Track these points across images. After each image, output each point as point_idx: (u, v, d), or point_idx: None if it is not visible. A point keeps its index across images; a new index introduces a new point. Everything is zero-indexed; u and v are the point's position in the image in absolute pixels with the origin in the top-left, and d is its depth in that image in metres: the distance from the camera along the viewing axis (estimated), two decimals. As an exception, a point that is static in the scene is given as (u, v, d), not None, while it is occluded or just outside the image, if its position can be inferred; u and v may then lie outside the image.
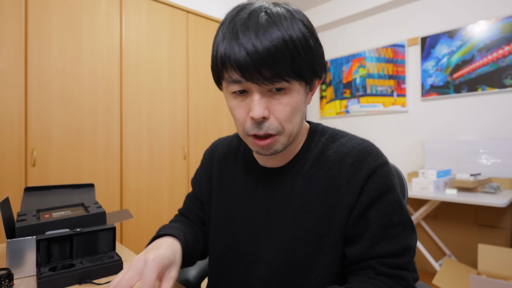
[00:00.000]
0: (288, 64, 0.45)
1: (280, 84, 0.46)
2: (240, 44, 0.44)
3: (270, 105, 0.48)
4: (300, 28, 0.47)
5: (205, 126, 2.37)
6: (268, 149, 0.52)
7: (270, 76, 0.45)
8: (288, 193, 0.57)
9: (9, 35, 1.53)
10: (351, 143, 0.55)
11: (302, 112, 0.52)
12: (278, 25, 0.45)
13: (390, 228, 0.51)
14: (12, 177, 1.53)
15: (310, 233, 0.53)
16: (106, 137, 1.84)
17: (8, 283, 0.56)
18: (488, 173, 2.21)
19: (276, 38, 0.44)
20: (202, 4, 2.35)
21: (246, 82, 0.46)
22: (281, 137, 0.51)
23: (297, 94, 0.49)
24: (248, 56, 0.44)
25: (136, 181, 1.97)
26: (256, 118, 0.47)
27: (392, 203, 0.52)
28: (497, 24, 2.23)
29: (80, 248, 0.70)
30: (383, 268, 0.50)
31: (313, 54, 0.48)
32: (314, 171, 0.55)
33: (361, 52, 3.06)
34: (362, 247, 0.51)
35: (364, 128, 3.01)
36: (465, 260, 2.18)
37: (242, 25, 0.45)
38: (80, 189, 0.90)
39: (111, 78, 1.86)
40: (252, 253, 0.59)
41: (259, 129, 0.49)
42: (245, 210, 0.61)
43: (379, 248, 0.50)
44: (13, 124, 1.54)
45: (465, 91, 2.39)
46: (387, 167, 0.53)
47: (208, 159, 0.72)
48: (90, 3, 1.79)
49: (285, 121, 0.49)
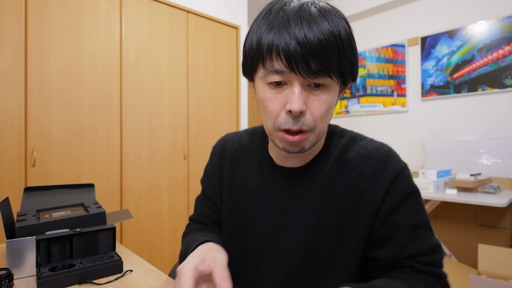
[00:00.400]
0: (335, 59, 0.44)
1: (323, 79, 0.45)
2: (292, 33, 0.43)
3: (308, 101, 0.47)
4: (345, 26, 0.47)
5: (205, 126, 2.37)
6: (297, 146, 0.49)
7: (316, 69, 0.44)
8: (307, 193, 0.55)
9: (9, 35, 1.53)
10: (372, 145, 0.55)
11: (332, 112, 0.51)
12: (328, 20, 0.44)
13: (417, 229, 0.51)
14: (12, 177, 1.53)
15: (329, 234, 0.53)
16: (106, 137, 1.84)
17: (8, 283, 0.56)
18: (488, 173, 2.21)
19: (328, 32, 0.43)
20: (202, 4, 2.35)
21: (289, 73, 0.45)
22: (311, 135, 0.49)
23: (334, 92, 0.48)
24: (298, 45, 0.42)
25: (136, 181, 1.97)
26: (295, 112, 0.45)
27: (416, 205, 0.52)
28: (497, 24, 2.23)
29: (80, 248, 0.70)
30: (419, 266, 0.49)
31: (355, 54, 0.48)
32: (335, 172, 0.55)
33: (361, 52, 3.06)
34: (395, 249, 0.51)
35: (364, 128, 3.01)
36: (465, 260, 2.18)
37: (295, 15, 0.44)
38: (80, 189, 0.90)
39: (111, 78, 1.86)
40: (264, 255, 0.57)
41: (294, 124, 0.47)
42: (258, 210, 0.59)
43: (411, 248, 0.50)
44: (13, 124, 1.54)
45: (465, 91, 2.39)
46: (408, 170, 0.54)
47: (218, 155, 0.69)
48: (90, 3, 1.79)
49: (319, 119, 0.48)
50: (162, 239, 2.07)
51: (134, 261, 0.76)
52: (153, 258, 2.02)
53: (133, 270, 0.70)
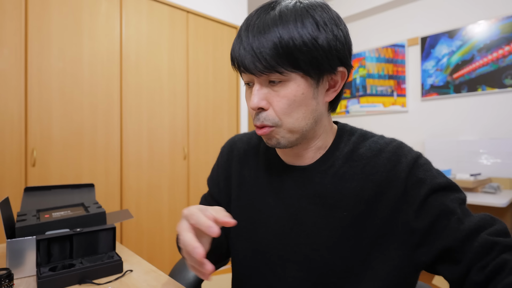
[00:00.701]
0: (280, 56, 0.46)
1: (275, 75, 0.47)
2: (241, 41, 0.48)
3: (270, 97, 0.49)
4: (308, 24, 0.46)
5: (205, 126, 2.37)
6: (269, 140, 0.53)
7: (262, 67, 0.46)
8: (318, 191, 0.55)
9: (9, 35, 1.53)
10: (384, 140, 0.55)
11: (309, 107, 0.50)
12: (277, 23, 0.46)
13: (460, 205, 0.48)
14: (12, 177, 1.53)
15: (346, 230, 0.52)
16: (106, 137, 1.84)
17: (8, 283, 0.56)
18: (488, 173, 2.21)
19: (270, 37, 0.46)
20: (202, 4, 2.35)
21: (247, 73, 0.49)
22: (280, 130, 0.51)
23: (296, 86, 0.48)
24: (244, 50, 0.47)
25: (136, 181, 1.97)
26: (252, 108, 0.49)
27: (448, 185, 0.49)
28: (497, 24, 2.23)
29: (80, 248, 0.70)
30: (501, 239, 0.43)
31: (318, 48, 0.47)
32: (346, 169, 0.54)
33: (361, 52, 3.06)
34: (452, 230, 0.46)
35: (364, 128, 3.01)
36: (465, 260, 2.18)
37: (247, 25, 0.49)
38: (80, 189, 0.90)
39: (111, 78, 1.86)
40: (279, 255, 0.56)
41: (257, 120, 0.51)
42: (270, 210, 0.59)
43: (469, 221, 0.46)
44: (13, 124, 1.54)
45: (465, 91, 2.39)
46: (424, 157, 0.53)
47: (226, 156, 0.69)
48: (90, 3, 1.79)
49: (282, 114, 0.49)
50: (162, 239, 2.07)
51: (134, 261, 0.76)
52: (153, 258, 2.02)
53: (133, 270, 0.70)
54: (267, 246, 0.58)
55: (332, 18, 0.49)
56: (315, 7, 0.48)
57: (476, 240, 0.44)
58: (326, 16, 0.48)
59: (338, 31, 0.49)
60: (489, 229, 0.45)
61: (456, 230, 0.46)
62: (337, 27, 0.49)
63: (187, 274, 0.79)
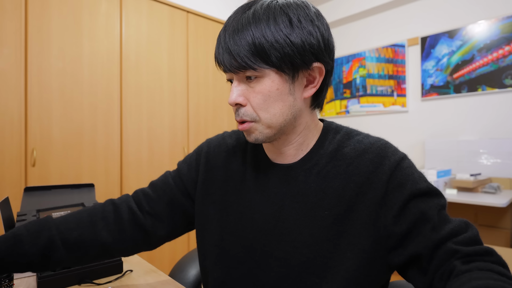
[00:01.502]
0: (252, 54, 0.48)
1: (249, 72, 0.49)
2: (220, 41, 0.51)
3: (247, 93, 0.52)
4: (280, 22, 0.48)
5: (205, 126, 2.37)
6: (248, 135, 0.55)
7: (236, 65, 0.49)
8: (302, 189, 0.56)
9: (9, 35, 1.53)
10: (368, 140, 0.55)
11: (286, 103, 0.51)
12: (250, 22, 0.48)
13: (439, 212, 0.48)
14: (12, 177, 1.53)
15: (327, 230, 0.52)
16: (106, 137, 1.84)
17: (8, 283, 0.56)
18: (488, 173, 2.21)
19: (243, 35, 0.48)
20: (202, 4, 2.35)
21: (228, 72, 0.52)
22: (259, 126, 0.53)
23: (270, 82, 0.50)
24: (222, 49, 0.50)
25: (136, 181, 1.97)
26: (230, 103, 0.52)
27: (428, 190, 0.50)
28: (497, 24, 2.23)
29: (80, 248, 0.69)
30: (464, 248, 0.44)
31: (290, 44, 0.48)
32: (330, 168, 0.55)
33: (361, 52, 3.06)
34: (424, 238, 0.47)
35: (364, 128, 3.01)
36: (465, 260, 2.18)
37: (225, 25, 0.52)
38: (80, 189, 0.90)
39: (111, 78, 1.86)
40: (263, 250, 0.57)
41: (237, 115, 0.53)
42: (255, 206, 0.60)
43: (442, 229, 0.46)
44: (13, 124, 1.54)
45: (465, 91, 2.39)
46: (408, 160, 0.53)
47: (213, 148, 0.68)
48: (90, 3, 1.79)
49: (259, 109, 0.51)
50: (162, 239, 2.07)
51: (134, 261, 0.76)
52: (153, 258, 2.02)
53: (133, 270, 0.70)
54: (253, 241, 0.59)
55: (307, 15, 0.50)
56: (290, 5, 0.50)
57: (442, 248, 0.45)
58: (301, 14, 0.50)
59: (313, 28, 0.50)
60: (458, 237, 0.45)
61: (428, 239, 0.46)
62: (312, 24, 0.50)
63: (187, 274, 0.79)
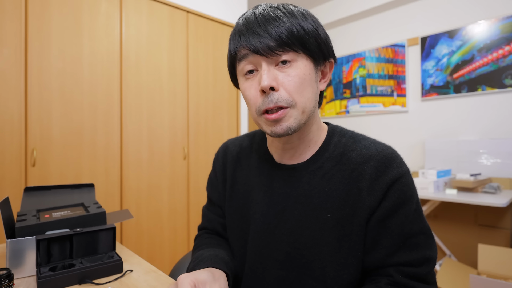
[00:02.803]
0: (293, 36, 0.49)
1: (286, 55, 0.49)
2: (247, 31, 0.50)
3: (279, 78, 0.50)
4: (309, 19, 0.52)
5: (205, 126, 2.37)
6: (281, 125, 0.51)
7: (274, 45, 0.48)
8: (306, 191, 0.56)
9: (9, 35, 1.53)
10: (376, 147, 0.55)
11: (314, 89, 0.53)
12: (288, 17, 0.50)
13: (411, 237, 0.50)
14: (12, 177, 1.53)
15: (328, 233, 0.52)
16: (106, 137, 1.84)
17: (8, 283, 0.56)
18: (488, 173, 2.21)
19: (283, 24, 0.49)
20: (202, 4, 2.35)
21: (254, 56, 0.50)
22: (294, 111, 0.51)
23: (304, 67, 0.51)
24: (257, 33, 0.49)
25: (136, 181, 1.97)
26: (265, 87, 0.49)
27: (413, 213, 0.51)
28: (497, 24, 2.23)
29: (80, 248, 0.70)
30: (400, 277, 0.49)
31: (320, 36, 0.52)
32: (335, 171, 0.55)
33: (361, 52, 3.06)
34: (381, 255, 0.51)
35: (364, 128, 3.01)
36: (465, 260, 2.18)
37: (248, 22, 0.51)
38: (80, 189, 0.90)
39: (111, 78, 1.86)
40: (263, 252, 0.58)
41: (269, 102, 0.50)
42: (258, 207, 0.60)
43: (398, 256, 0.50)
44: (13, 124, 1.54)
45: (465, 91, 2.39)
46: (410, 176, 0.53)
47: (221, 160, 0.71)
48: (90, 3, 1.79)
49: (295, 93, 0.50)
50: (162, 239, 2.07)
51: (134, 261, 0.76)
52: (153, 258, 2.02)
53: (133, 270, 0.70)
54: (254, 242, 0.59)
55: (316, 19, 0.55)
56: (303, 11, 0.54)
57: (385, 268, 0.51)
58: (314, 18, 0.54)
59: (324, 31, 0.55)
60: (405, 268, 0.50)
61: (381, 256, 0.51)
62: (322, 28, 0.55)
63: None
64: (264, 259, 0.57)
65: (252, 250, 0.59)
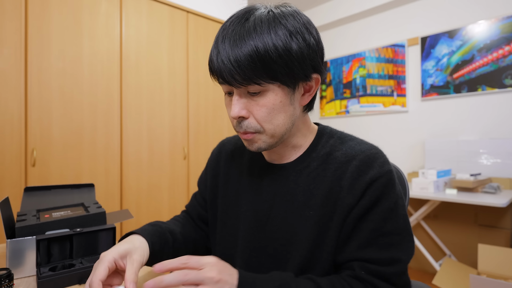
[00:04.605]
0: (257, 69, 0.47)
1: (254, 87, 0.49)
2: (218, 52, 0.49)
3: (250, 106, 0.52)
4: (281, 35, 0.48)
5: (205, 126, 2.37)
6: (251, 145, 0.55)
7: (241, 80, 0.48)
8: (292, 189, 0.58)
9: (9, 35, 1.53)
10: (360, 147, 0.56)
11: (288, 113, 0.53)
12: (253, 35, 0.47)
13: (383, 235, 0.51)
14: (12, 177, 1.53)
15: (310, 230, 0.54)
16: (106, 137, 1.84)
17: (8, 283, 0.56)
18: (488, 173, 2.21)
19: (247, 49, 0.47)
20: (202, 4, 2.35)
21: (226, 84, 0.51)
22: (262, 136, 0.54)
23: (274, 95, 0.51)
24: (223, 63, 0.48)
25: (136, 181, 1.97)
26: (233, 117, 0.52)
27: (389, 212, 0.51)
28: (497, 24, 2.23)
29: (80, 248, 0.70)
30: (362, 273, 0.50)
31: (292, 58, 0.49)
32: (320, 170, 0.56)
33: (361, 52, 3.06)
34: (350, 249, 0.52)
35: (364, 128, 3.01)
36: (465, 260, 2.18)
37: (223, 35, 0.50)
38: (80, 189, 0.90)
39: (111, 78, 1.86)
40: (255, 248, 0.60)
41: (240, 127, 0.53)
42: (249, 205, 0.62)
43: (365, 252, 0.51)
44: (13, 124, 1.54)
45: (465, 91, 2.39)
46: (392, 175, 0.53)
47: (215, 157, 0.74)
48: (90, 3, 1.79)
49: (263, 121, 0.52)
50: (162, 239, 2.07)
51: (134, 261, 0.75)
52: (153, 258, 2.02)
53: (133, 270, 0.70)
54: (245, 238, 0.61)
55: (303, 25, 0.51)
56: (287, 16, 0.50)
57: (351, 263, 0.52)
58: (297, 25, 0.50)
59: (310, 37, 0.51)
60: (371, 265, 0.50)
61: (350, 251, 0.52)
62: (309, 33, 0.51)
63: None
64: (257, 254, 0.59)
65: (246, 245, 0.61)
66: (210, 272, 0.43)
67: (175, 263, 0.45)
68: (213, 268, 0.44)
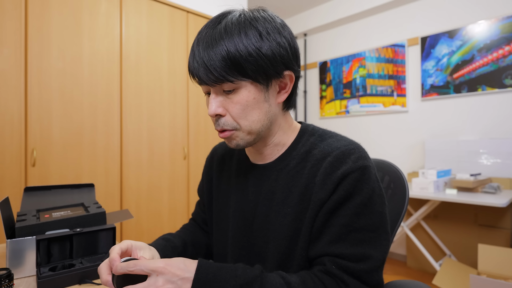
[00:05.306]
0: (229, 68, 0.50)
1: (227, 85, 0.52)
2: (194, 55, 0.53)
3: (226, 104, 0.54)
4: (251, 36, 0.51)
5: (205, 126, 2.37)
6: (229, 142, 0.58)
7: (214, 78, 0.51)
8: (273, 187, 0.59)
9: (9, 35, 1.53)
10: (337, 144, 0.56)
11: (263, 109, 0.55)
12: (223, 37, 0.50)
13: (355, 231, 0.50)
14: (12, 177, 1.53)
15: (288, 226, 0.55)
16: (106, 137, 1.84)
17: (8, 283, 0.56)
18: (488, 173, 2.21)
19: (218, 50, 0.50)
20: (202, 4, 2.35)
21: (205, 85, 0.54)
22: (240, 133, 0.56)
23: (247, 92, 0.53)
24: (198, 64, 0.52)
25: (136, 181, 1.97)
26: (210, 115, 0.55)
27: (362, 207, 0.51)
28: (497, 24, 2.23)
29: (80, 248, 0.70)
30: (332, 268, 0.49)
31: (263, 57, 0.51)
32: (299, 168, 0.58)
33: (361, 52, 3.06)
34: (321, 244, 0.52)
35: (364, 128, 3.01)
36: (465, 260, 2.18)
37: (198, 39, 0.53)
38: (80, 189, 0.90)
39: (111, 78, 1.86)
40: (244, 247, 0.62)
41: (217, 125, 0.56)
42: (237, 205, 0.64)
43: (336, 247, 0.50)
44: (13, 124, 1.54)
45: (465, 91, 2.39)
46: (367, 170, 0.52)
47: (208, 163, 0.78)
48: (90, 3, 1.79)
49: (238, 118, 0.54)
50: (162, 239, 2.07)
51: (134, 261, 0.76)
52: (153, 258, 2.02)
53: (133, 270, 0.70)
54: (235, 238, 0.63)
55: (275, 28, 0.53)
56: (258, 18, 0.53)
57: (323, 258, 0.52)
58: (269, 26, 0.52)
59: (281, 38, 0.53)
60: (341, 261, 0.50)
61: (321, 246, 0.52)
62: (280, 35, 0.53)
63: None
64: (246, 253, 0.61)
65: (235, 245, 0.63)
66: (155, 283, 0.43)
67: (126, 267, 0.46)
68: (158, 279, 0.44)
